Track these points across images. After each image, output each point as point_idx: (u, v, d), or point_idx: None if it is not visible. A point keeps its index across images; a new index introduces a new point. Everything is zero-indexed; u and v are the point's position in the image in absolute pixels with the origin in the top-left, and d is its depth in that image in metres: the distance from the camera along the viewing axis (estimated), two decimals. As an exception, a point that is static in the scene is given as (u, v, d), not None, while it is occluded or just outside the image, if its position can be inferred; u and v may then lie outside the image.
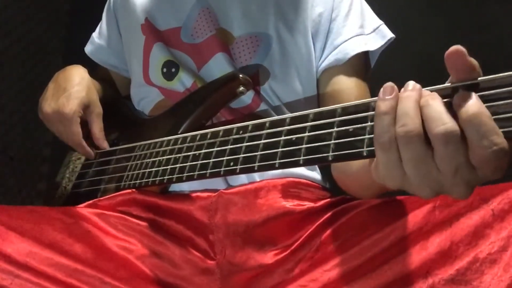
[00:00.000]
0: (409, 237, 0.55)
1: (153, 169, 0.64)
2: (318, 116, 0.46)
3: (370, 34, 0.76)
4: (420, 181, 0.36)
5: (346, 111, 0.44)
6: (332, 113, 0.45)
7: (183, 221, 0.68)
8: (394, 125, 0.36)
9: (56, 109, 0.73)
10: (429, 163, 0.35)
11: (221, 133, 0.56)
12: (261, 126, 0.51)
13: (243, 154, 0.51)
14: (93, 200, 0.72)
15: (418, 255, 0.53)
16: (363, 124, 0.41)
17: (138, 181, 0.67)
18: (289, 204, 0.66)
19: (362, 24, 0.77)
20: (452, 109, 0.35)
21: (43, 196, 0.91)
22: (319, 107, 0.72)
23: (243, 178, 0.69)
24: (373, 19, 0.79)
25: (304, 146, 0.45)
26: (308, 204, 0.67)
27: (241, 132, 0.53)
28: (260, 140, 0.50)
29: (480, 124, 0.33)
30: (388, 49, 0.80)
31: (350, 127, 0.42)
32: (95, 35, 0.91)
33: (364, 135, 0.41)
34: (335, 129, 0.44)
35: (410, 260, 0.53)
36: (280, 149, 0.47)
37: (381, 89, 0.38)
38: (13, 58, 1.35)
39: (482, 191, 0.53)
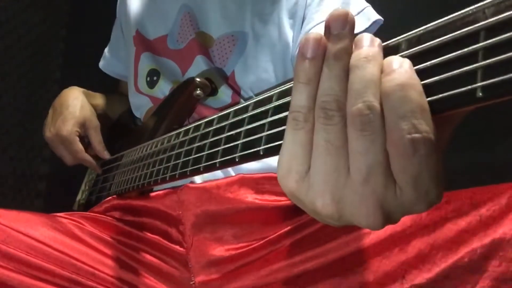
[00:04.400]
0: (390, 238, 0.53)
1: (132, 175, 0.67)
2: (257, 105, 0.39)
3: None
4: (323, 180, 0.27)
5: (283, 95, 0.36)
6: (268, 100, 0.37)
7: (157, 217, 0.70)
8: (314, 97, 0.28)
9: (54, 133, 0.78)
10: (341, 155, 0.26)
11: (181, 135, 0.55)
12: (210, 123, 0.47)
13: (194, 155, 0.49)
14: (89, 210, 0.77)
15: (396, 257, 0.51)
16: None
17: (121, 188, 0.71)
18: (262, 199, 0.65)
19: (343, 7, 0.71)
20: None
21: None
22: None
23: (218, 172, 0.69)
24: (357, 3, 0.73)
25: (240, 141, 0.40)
26: (287, 200, 0.66)
27: (181, 135, 0.53)
28: (208, 138, 0.46)
29: (404, 100, 0.24)
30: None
31: (283, 114, 0.35)
32: (106, 50, 0.96)
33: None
34: (268, 119, 0.36)
35: (387, 262, 0.52)
36: (221, 147, 0.43)
37: (302, 42, 0.28)
38: (13, 58, 1.34)
39: (474, 195, 0.50)
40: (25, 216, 0.64)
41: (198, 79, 0.69)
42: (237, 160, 0.39)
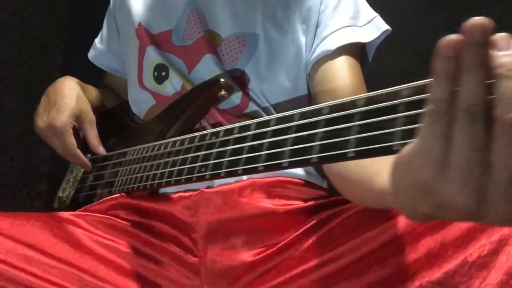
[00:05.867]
0: (400, 238, 0.54)
1: (144, 174, 0.65)
2: (303, 116, 0.43)
3: (364, 26, 0.74)
4: (465, 174, 0.28)
5: (333, 109, 0.40)
6: (317, 112, 0.41)
7: (168, 221, 0.68)
8: (452, 91, 0.29)
9: (48, 123, 0.75)
10: (483, 152, 0.27)
11: (207, 136, 0.55)
12: (247, 128, 0.49)
13: (228, 157, 0.50)
14: (85, 207, 0.74)
15: (407, 256, 0.52)
16: (350, 124, 0.38)
17: (129, 186, 0.68)
18: (274, 204, 0.66)
19: (354, 16, 0.74)
20: None
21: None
22: (311, 102, 0.69)
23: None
24: (367, 11, 0.76)
25: (288, 148, 0.42)
26: (297, 204, 0.67)
27: (221, 134, 0.53)
28: (246, 142, 0.48)
29: None
30: (388, 48, 0.79)
31: (337, 127, 0.39)
32: (97, 40, 0.93)
33: (352, 135, 0.37)
34: (321, 129, 0.40)
35: (398, 261, 0.52)
36: (264, 152, 0.45)
37: (443, 41, 0.29)
38: (13, 58, 1.34)
39: None
40: (26, 225, 0.61)
41: (222, 79, 0.69)
42: (284, 165, 0.42)
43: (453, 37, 0.28)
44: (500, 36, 0.28)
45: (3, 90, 1.30)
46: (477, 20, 0.28)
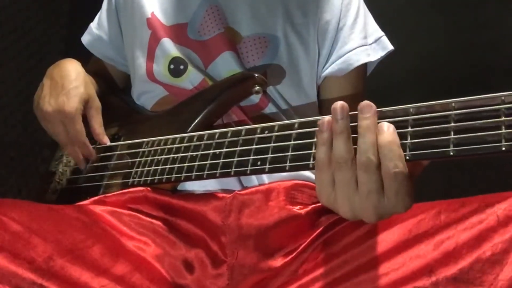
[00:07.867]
0: (414, 238, 0.56)
1: (167, 166, 0.64)
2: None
3: (372, 44, 0.78)
4: (343, 199, 0.45)
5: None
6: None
7: (196, 222, 0.67)
8: (331, 152, 0.44)
9: (56, 108, 0.71)
10: (352, 184, 0.44)
11: (243, 132, 0.56)
12: (289, 126, 0.52)
13: (271, 154, 0.52)
14: (99, 196, 0.70)
15: (422, 254, 0.54)
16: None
17: (149, 178, 0.66)
18: (297, 207, 0.67)
19: (366, 34, 0.78)
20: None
21: (36, 190, 0.90)
22: (319, 112, 0.73)
23: (254, 180, 0.69)
24: (375, 30, 0.81)
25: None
26: (312, 206, 0.68)
27: (266, 132, 0.54)
28: (290, 140, 0.51)
29: (391, 150, 0.42)
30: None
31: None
32: (93, 25, 0.89)
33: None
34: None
35: (414, 259, 0.54)
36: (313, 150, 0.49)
37: (319, 123, 0.45)
38: (13, 58, 1.34)
39: (487, 198, 0.54)
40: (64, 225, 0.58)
41: (257, 75, 0.68)
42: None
43: (326, 118, 0.45)
44: (363, 103, 0.44)
45: (3, 90, 1.30)
46: (338, 104, 0.44)
